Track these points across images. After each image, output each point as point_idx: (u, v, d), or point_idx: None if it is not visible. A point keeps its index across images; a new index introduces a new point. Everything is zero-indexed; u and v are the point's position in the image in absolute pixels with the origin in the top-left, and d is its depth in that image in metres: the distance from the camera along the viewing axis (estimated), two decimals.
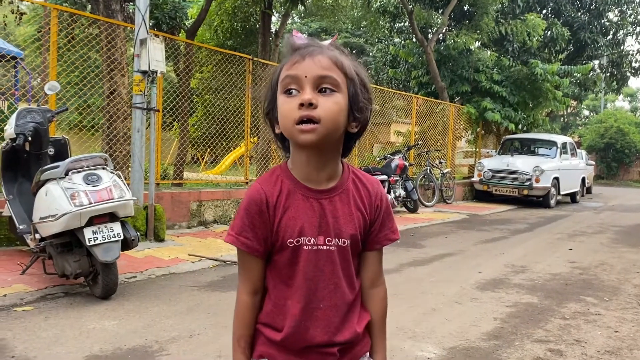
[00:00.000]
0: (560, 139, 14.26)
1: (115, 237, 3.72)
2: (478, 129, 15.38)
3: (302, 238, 1.16)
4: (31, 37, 8.87)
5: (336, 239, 1.18)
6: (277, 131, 1.19)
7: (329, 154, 1.18)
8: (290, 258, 1.18)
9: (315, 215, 1.17)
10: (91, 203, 3.63)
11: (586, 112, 45.30)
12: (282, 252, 1.18)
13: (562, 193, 13.41)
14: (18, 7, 7.69)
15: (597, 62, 21.51)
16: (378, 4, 15.92)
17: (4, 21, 7.29)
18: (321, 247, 1.17)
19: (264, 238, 1.18)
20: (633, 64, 21.49)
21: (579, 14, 19.42)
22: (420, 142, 12.45)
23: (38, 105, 4.89)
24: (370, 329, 1.27)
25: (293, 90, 1.10)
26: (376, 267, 1.27)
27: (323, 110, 1.08)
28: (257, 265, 1.21)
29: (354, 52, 26.41)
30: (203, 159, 14.87)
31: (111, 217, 3.77)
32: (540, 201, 12.93)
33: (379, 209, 1.24)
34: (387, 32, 18.42)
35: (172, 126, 10.79)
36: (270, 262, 1.22)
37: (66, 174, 3.76)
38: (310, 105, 1.08)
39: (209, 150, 11.11)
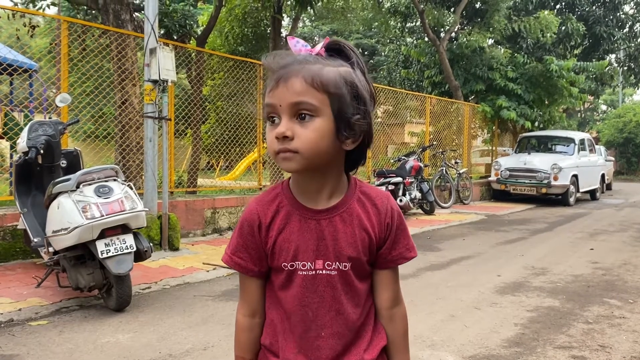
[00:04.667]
0: (577, 135, 14.04)
1: (127, 249, 3.69)
2: (494, 128, 15.20)
3: (297, 262, 1.10)
4: (45, 49, 8.95)
5: (337, 263, 1.10)
6: None
7: (325, 174, 1.10)
8: (284, 282, 1.12)
9: (313, 237, 1.10)
10: (103, 215, 3.61)
11: (604, 107, 44.64)
12: (278, 275, 1.13)
13: (581, 190, 13.19)
14: (30, 19, 7.76)
15: (613, 56, 21.18)
16: (389, 4, 15.85)
17: (16, 34, 7.35)
18: (320, 272, 1.10)
19: (258, 258, 1.13)
20: None
21: (594, 7, 19.15)
22: (435, 143, 12.33)
23: (49, 118, 4.90)
24: (391, 349, 1.19)
25: (275, 119, 1.04)
26: (393, 286, 1.19)
27: (300, 141, 1.01)
28: (255, 286, 1.16)
29: (365, 53, 26.33)
30: (218, 165, 14.91)
31: (123, 228, 3.74)
32: (559, 199, 12.73)
33: (390, 227, 1.15)
34: (398, 32, 18.32)
35: (186, 134, 10.82)
36: (268, 283, 1.17)
37: (77, 187, 3.75)
38: (286, 137, 1.01)
39: (223, 156, 11.12)
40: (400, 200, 9.05)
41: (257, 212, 1.13)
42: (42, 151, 4.27)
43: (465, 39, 14.48)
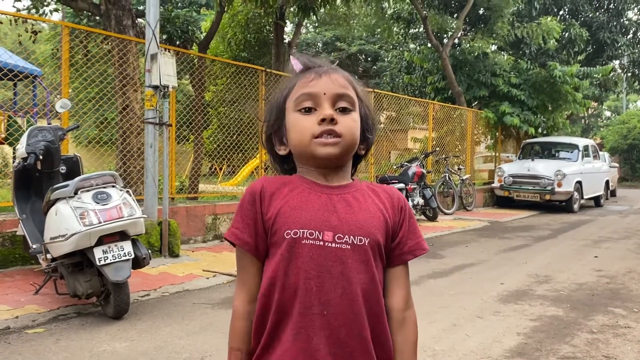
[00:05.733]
0: (581, 141, 13.96)
1: (125, 256, 3.65)
2: (497, 134, 15.14)
3: (303, 230, 1.04)
4: (50, 55, 8.97)
5: (350, 236, 1.05)
6: (281, 152, 1.14)
7: (339, 172, 1.12)
8: (286, 253, 1.05)
9: (322, 208, 1.07)
10: (100, 222, 3.57)
11: (608, 113, 44.49)
12: (279, 246, 1.06)
13: (585, 197, 13.10)
14: (32, 25, 7.77)
15: (617, 62, 21.11)
16: (392, 10, 15.83)
17: (19, 40, 7.35)
18: (329, 245, 1.04)
19: (255, 231, 1.09)
20: None
21: (598, 13, 19.09)
22: (437, 149, 12.28)
23: (49, 123, 4.88)
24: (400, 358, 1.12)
25: (310, 108, 1.07)
26: (406, 283, 1.16)
27: (344, 126, 1.06)
28: (254, 266, 1.11)
29: (368, 59, 26.33)
30: (221, 170, 14.88)
31: (122, 235, 3.70)
32: (563, 206, 12.65)
33: (403, 211, 1.14)
34: (401, 38, 18.32)
35: (189, 139, 10.82)
36: (265, 261, 1.11)
37: (75, 193, 3.71)
38: (332, 120, 1.05)
39: (226, 161, 11.10)
40: None
41: (262, 182, 1.13)
42: (41, 157, 4.23)
43: (468, 45, 14.44)
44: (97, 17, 11.30)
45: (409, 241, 1.13)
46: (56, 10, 9.98)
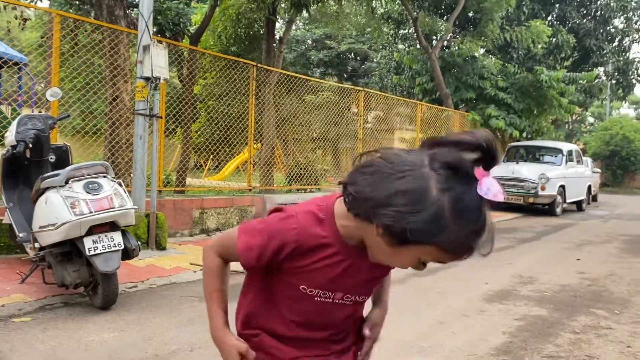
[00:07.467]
0: (565, 146, 14.14)
1: (115, 246, 3.64)
2: None
3: (318, 290, 1.13)
4: (36, 43, 8.86)
5: (355, 296, 1.17)
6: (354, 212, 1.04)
7: None
8: (297, 299, 1.15)
9: (344, 274, 1.12)
10: (91, 212, 3.55)
11: (591, 119, 45.11)
12: (289, 287, 1.14)
13: (568, 201, 13.28)
14: (22, 12, 7.67)
15: (602, 69, 21.44)
16: (382, 10, 15.89)
17: (7, 27, 7.25)
18: (336, 301, 1.15)
19: (266, 264, 1.11)
20: (639, 72, 21.38)
21: (585, 20, 19.38)
22: None
23: (39, 112, 4.83)
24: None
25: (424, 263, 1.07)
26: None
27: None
28: (236, 260, 1.16)
29: (357, 58, 26.39)
30: (206, 165, 14.82)
31: (112, 226, 3.69)
32: (546, 209, 12.81)
33: None
34: (391, 38, 18.40)
35: (175, 132, 10.75)
36: (268, 284, 1.18)
37: (66, 182, 3.69)
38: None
39: (212, 156, 11.05)
40: None
41: (297, 239, 1.07)
42: (30, 145, 4.20)
43: (457, 47, 14.56)
44: (86, 6, 11.19)
45: None
46: None
